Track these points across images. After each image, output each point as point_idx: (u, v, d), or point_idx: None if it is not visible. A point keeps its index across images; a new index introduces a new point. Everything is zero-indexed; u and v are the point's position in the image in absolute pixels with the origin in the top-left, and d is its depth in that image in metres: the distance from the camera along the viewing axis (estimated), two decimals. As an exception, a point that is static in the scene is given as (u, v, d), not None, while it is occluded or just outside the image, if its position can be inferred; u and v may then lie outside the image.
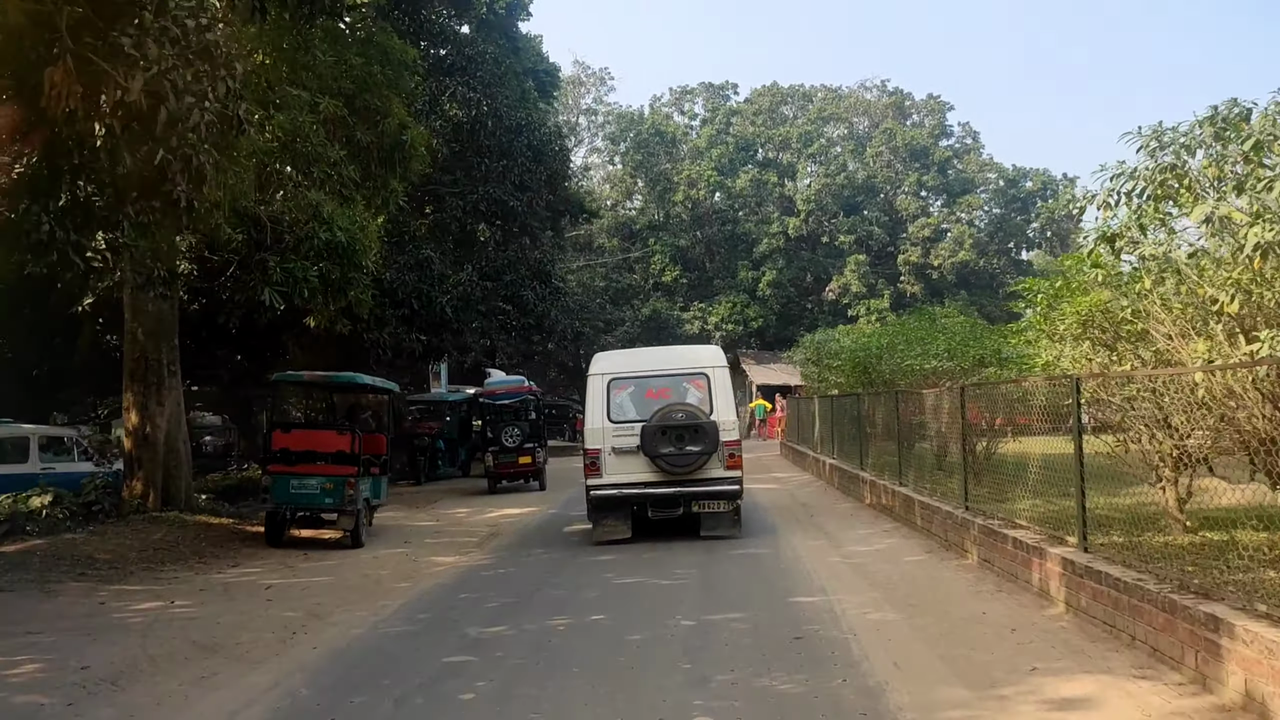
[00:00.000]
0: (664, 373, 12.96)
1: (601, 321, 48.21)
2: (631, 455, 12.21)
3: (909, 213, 51.52)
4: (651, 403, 12.52)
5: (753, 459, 31.51)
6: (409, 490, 23.87)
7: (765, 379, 48.49)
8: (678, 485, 12.28)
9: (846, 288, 49.43)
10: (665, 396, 12.58)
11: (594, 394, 12.66)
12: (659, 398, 12.57)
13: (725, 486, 12.40)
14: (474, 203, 23.25)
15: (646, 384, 12.78)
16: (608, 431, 12.37)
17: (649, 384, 12.77)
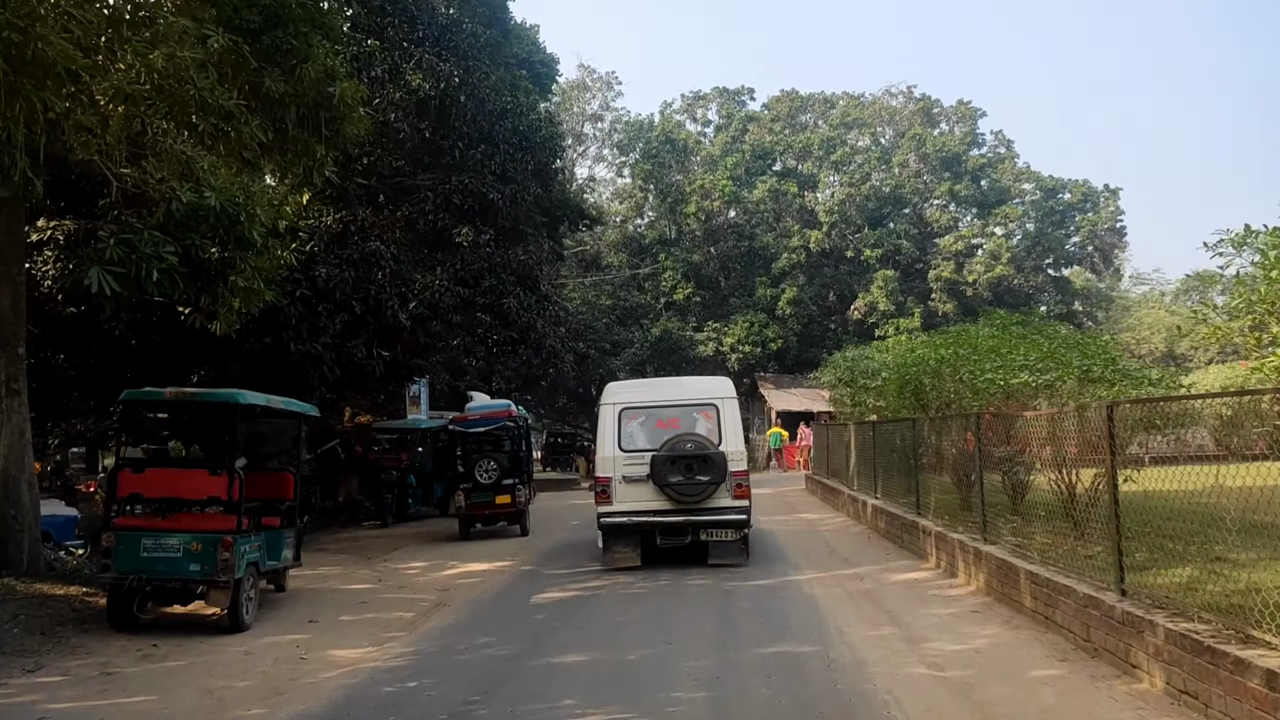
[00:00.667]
0: (674, 403, 13.27)
1: (608, 343, 44.60)
2: (642, 484, 12.56)
3: (940, 225, 47.78)
4: (662, 432, 12.81)
5: (773, 495, 27.74)
6: (370, 535, 20.20)
7: (785, 405, 44.67)
8: (686, 514, 12.60)
9: (873, 306, 45.68)
10: (675, 426, 12.88)
11: (605, 423, 13.04)
12: (669, 427, 12.87)
13: (733, 515, 12.64)
14: (446, 195, 19.66)
15: (657, 414, 13.08)
16: (618, 460, 12.72)
17: (659, 414, 13.07)
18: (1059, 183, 49.30)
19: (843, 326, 48.89)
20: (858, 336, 47.96)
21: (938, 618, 9.08)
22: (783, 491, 28.21)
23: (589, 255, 51.44)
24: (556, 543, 17.21)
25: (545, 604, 11.00)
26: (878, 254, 46.44)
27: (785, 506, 22.94)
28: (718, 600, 10.66)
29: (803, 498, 25.80)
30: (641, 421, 13.09)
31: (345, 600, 11.75)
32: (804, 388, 47.59)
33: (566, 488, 33.40)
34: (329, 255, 15.06)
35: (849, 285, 48.23)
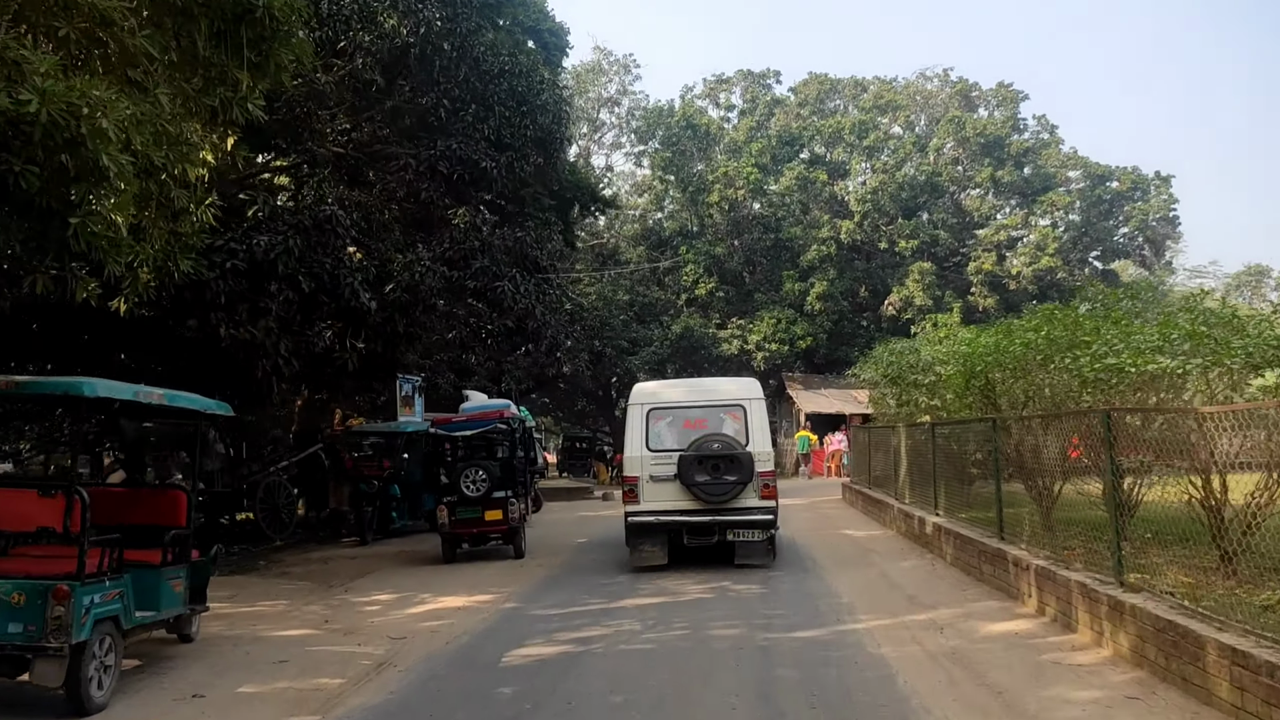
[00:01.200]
0: (702, 403, 13.36)
1: (625, 341, 41.83)
2: (669, 483, 12.66)
3: (981, 214, 44.66)
4: (689, 433, 12.89)
5: (807, 506, 24.75)
6: (344, 555, 17.51)
7: (815, 406, 41.73)
8: (713, 513, 12.66)
9: (909, 300, 42.65)
10: (703, 427, 12.97)
11: (633, 423, 13.19)
12: (696, 428, 12.95)
13: (760, 516, 12.68)
14: (430, 161, 16.95)
15: (684, 414, 13.14)
16: (646, 460, 12.85)
17: (687, 414, 13.13)
18: (1107, 170, 46.10)
19: (875, 323, 45.87)
20: (891, 333, 44.93)
21: (1078, 709, 6.21)
22: (817, 502, 25.33)
23: (605, 249, 48.69)
24: (555, 568, 14.43)
25: (520, 667, 8.21)
26: (913, 245, 43.41)
27: (823, 522, 20.07)
28: (752, 666, 7.85)
29: (841, 510, 22.90)
30: (669, 421, 13.17)
31: (265, 656, 9.00)
32: (835, 388, 44.65)
33: (579, 497, 30.63)
34: (275, 221, 12.35)
35: (882, 279, 45.23)
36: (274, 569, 16.29)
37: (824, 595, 11.08)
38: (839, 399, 42.91)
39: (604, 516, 23.84)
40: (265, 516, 19.95)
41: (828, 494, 27.98)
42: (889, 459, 19.60)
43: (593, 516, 23.98)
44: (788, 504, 24.74)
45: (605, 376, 45.11)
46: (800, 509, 23.31)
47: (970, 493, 13.84)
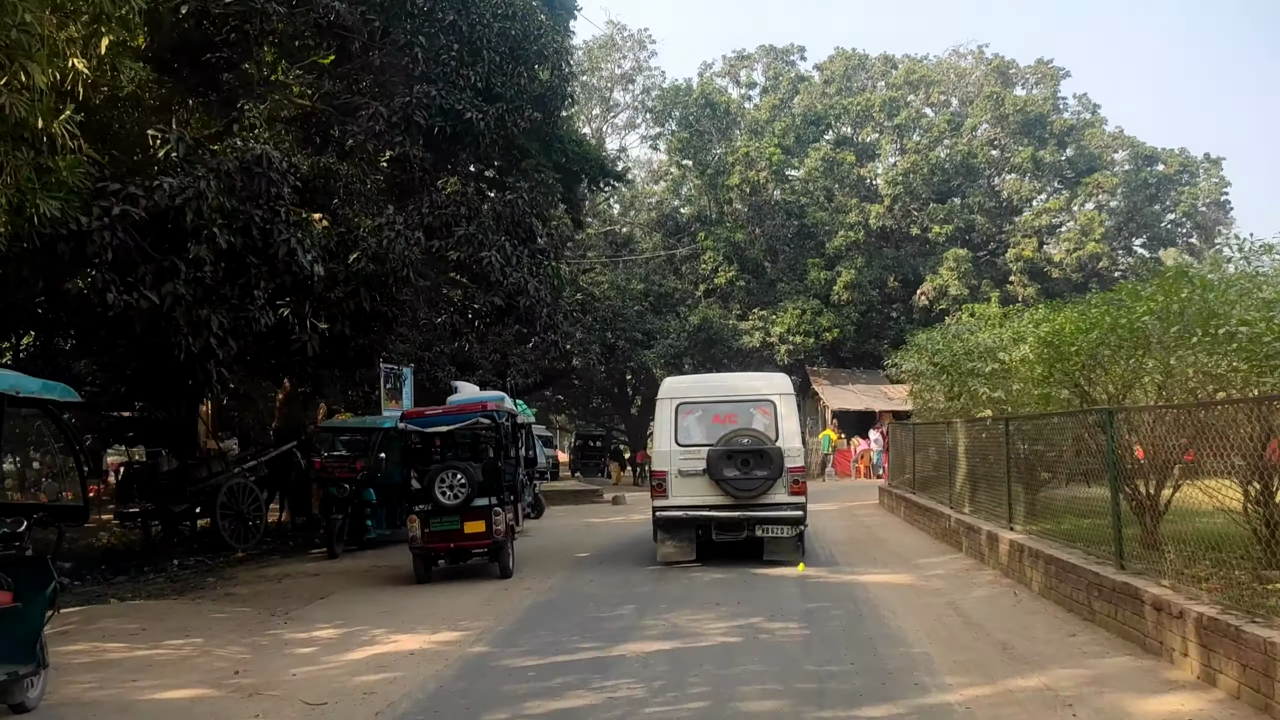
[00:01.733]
0: (731, 398, 13.28)
1: (640, 333, 39.22)
2: (697, 478, 12.59)
3: (1020, 197, 41.77)
4: (718, 428, 12.83)
5: (840, 512, 21.93)
6: (306, 571, 15.02)
7: (842, 403, 39.02)
8: (742, 509, 12.55)
9: (943, 290, 39.83)
10: (732, 422, 12.89)
11: (662, 418, 13.12)
12: (726, 423, 12.89)
13: (789, 512, 12.57)
14: (404, 110, 14.41)
15: (714, 409, 13.07)
16: (675, 454, 12.79)
17: (716, 409, 13.06)
18: (1154, 152, 43.13)
19: (906, 314, 43.11)
20: (923, 325, 42.17)
21: None
22: (851, 508, 22.68)
23: (619, 237, 46.14)
24: (547, 592, 11.86)
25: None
26: (947, 231, 40.58)
27: (862, 532, 17.42)
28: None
29: (880, 518, 20.25)
30: (698, 416, 13.12)
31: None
32: (862, 383, 41.94)
33: (588, 500, 28.05)
34: (195, 165, 9.80)
35: (913, 268, 42.44)
36: (221, 587, 13.83)
37: (887, 639, 8.44)
38: (868, 395, 40.19)
39: (612, 524, 21.28)
40: (228, 524, 17.52)
41: (860, 498, 25.33)
42: (940, 460, 16.96)
43: (599, 524, 21.41)
44: (818, 509, 22.13)
45: (619, 371, 42.56)
46: (833, 516, 20.67)
47: (1051, 501, 11.24)
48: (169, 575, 15.33)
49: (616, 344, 38.86)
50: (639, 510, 24.18)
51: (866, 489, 28.59)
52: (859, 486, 31.01)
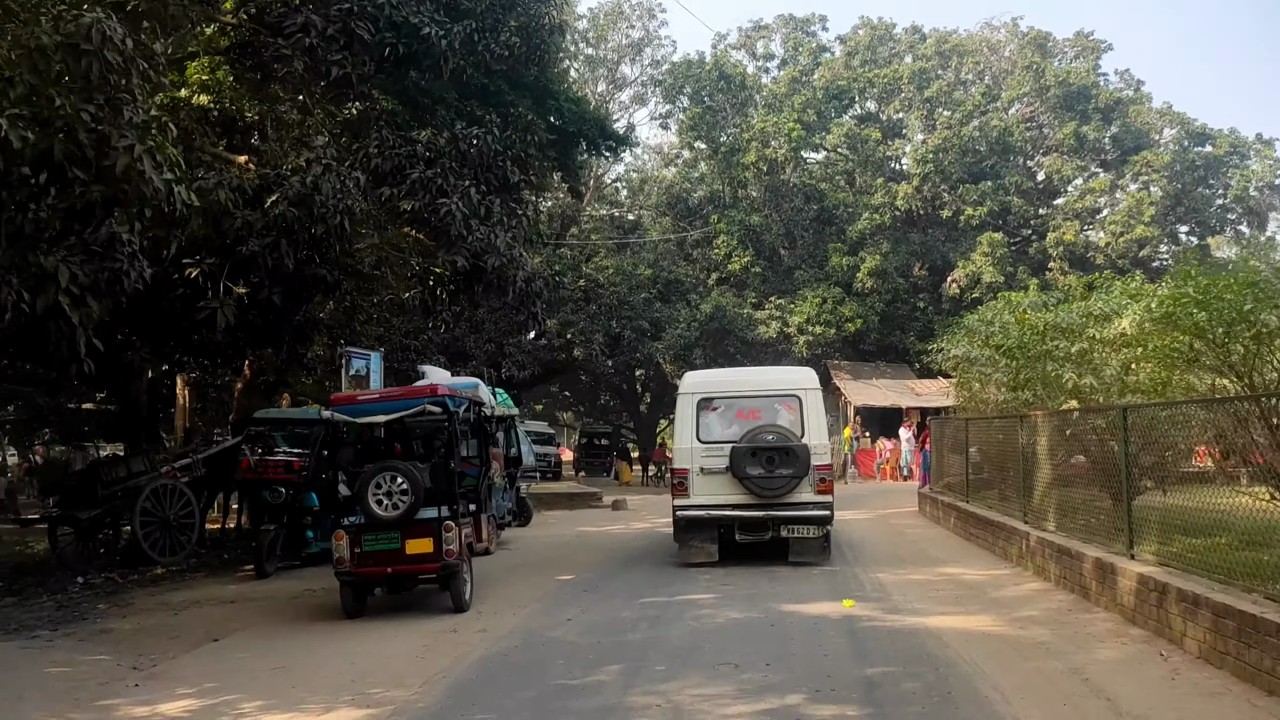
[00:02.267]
0: (755, 393, 12.91)
1: (647, 322, 36.15)
2: (720, 476, 12.23)
3: (1061, 177, 38.49)
4: (742, 424, 12.50)
5: (875, 521, 18.73)
6: (225, 595, 12.10)
7: (866, 399, 35.92)
8: (766, 508, 12.16)
9: (976, 277, 36.62)
10: (756, 418, 12.53)
11: (683, 414, 12.74)
12: (749, 419, 12.55)
13: (816, 511, 12.15)
14: (342, 20, 11.41)
15: (737, 404, 12.74)
16: (696, 452, 12.43)
17: (739, 404, 12.72)
18: (1205, 130, 39.86)
19: (934, 304, 39.94)
20: (952, 315, 39.02)
21: None
22: (885, 516, 19.67)
23: (625, 222, 43.15)
24: (506, 638, 8.84)
25: None
26: (981, 213, 37.37)
27: (911, 551, 14.34)
28: None
29: (926, 530, 17.17)
30: (721, 412, 12.76)
31: None
32: (887, 378, 38.86)
33: (586, 504, 25.02)
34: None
35: (942, 254, 39.24)
36: (105, 618, 10.92)
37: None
38: (893, 390, 37.12)
39: (609, 534, 18.31)
40: (151, 533, 14.59)
41: (893, 503, 22.30)
42: (1005, 463, 13.89)
43: (594, 534, 18.44)
44: (849, 518, 19.16)
45: (624, 364, 39.59)
46: (869, 527, 17.65)
47: (1191, 516, 8.18)
48: (64, 598, 12.46)
49: (622, 334, 35.86)
50: (642, 517, 21.23)
51: (898, 493, 25.56)
52: (888, 490, 27.95)
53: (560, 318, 34.51)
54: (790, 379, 13.40)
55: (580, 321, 34.75)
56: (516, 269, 14.25)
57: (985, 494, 15.18)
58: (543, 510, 23.12)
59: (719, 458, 12.21)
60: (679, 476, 12.55)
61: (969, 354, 16.91)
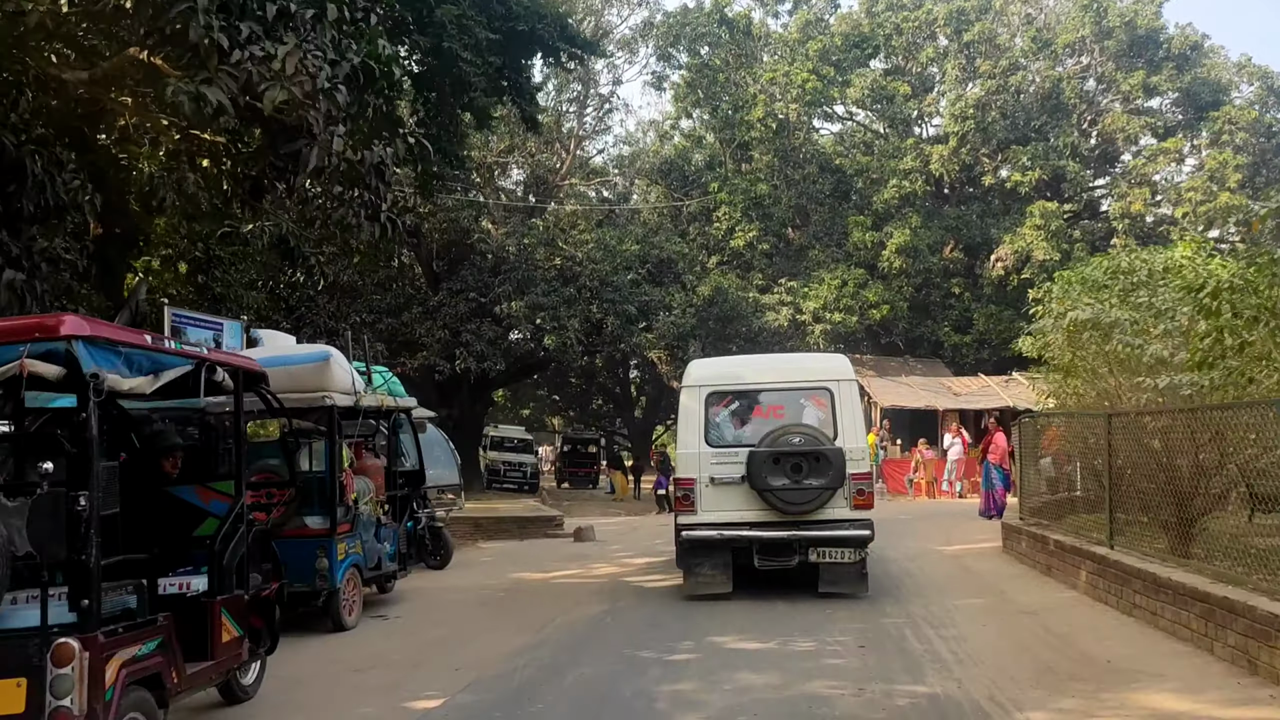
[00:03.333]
0: (777, 386, 10.87)
1: (633, 306, 30.28)
2: (734, 488, 10.21)
3: (1125, 136, 32.60)
4: (761, 423, 10.55)
5: (946, 565, 12.47)
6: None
7: (895, 399, 30.01)
8: (792, 527, 10.11)
9: (1025, 255, 30.77)
10: (779, 416, 10.60)
11: (688, 411, 10.67)
12: (770, 417, 10.61)
13: (852, 531, 10.07)
14: None
15: (755, 399, 10.79)
16: (704, 458, 10.32)
17: (758, 399, 10.78)
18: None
19: (972, 288, 34.16)
20: (997, 300, 33.29)
21: None
22: (954, 555, 13.82)
23: (612, 191, 37.32)
24: None
25: None
26: (1031, 179, 31.50)
27: (1037, 639, 8.35)
28: None
29: (1037, 587, 11.10)
30: (735, 409, 10.74)
31: None
32: (919, 375, 32.99)
33: (541, 531, 18.98)
34: None
35: (981, 230, 33.42)
36: None
37: None
38: (927, 389, 31.22)
39: (555, 584, 12.54)
40: None
41: (950, 531, 16.48)
42: (1188, 487, 8.00)
43: (534, 584, 12.59)
44: (897, 554, 13.12)
45: (609, 357, 33.71)
46: (937, 572, 11.83)
47: None
48: None
49: (604, 321, 30.00)
50: (612, 555, 15.43)
51: (948, 516, 19.72)
52: (934, 513, 21.96)
53: (529, 300, 28.68)
54: (820, 368, 11.41)
55: (554, 305, 28.90)
56: (379, 171, 8.33)
57: (1149, 536, 9.34)
58: (478, 541, 17.28)
59: (733, 465, 10.26)
60: (683, 488, 10.58)
61: (1102, 317, 11.01)
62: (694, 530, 10.24)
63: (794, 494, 9.99)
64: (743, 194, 33.06)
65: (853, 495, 10.15)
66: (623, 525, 20.75)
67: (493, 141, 30.80)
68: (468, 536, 17.70)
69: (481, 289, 29.69)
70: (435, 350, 28.80)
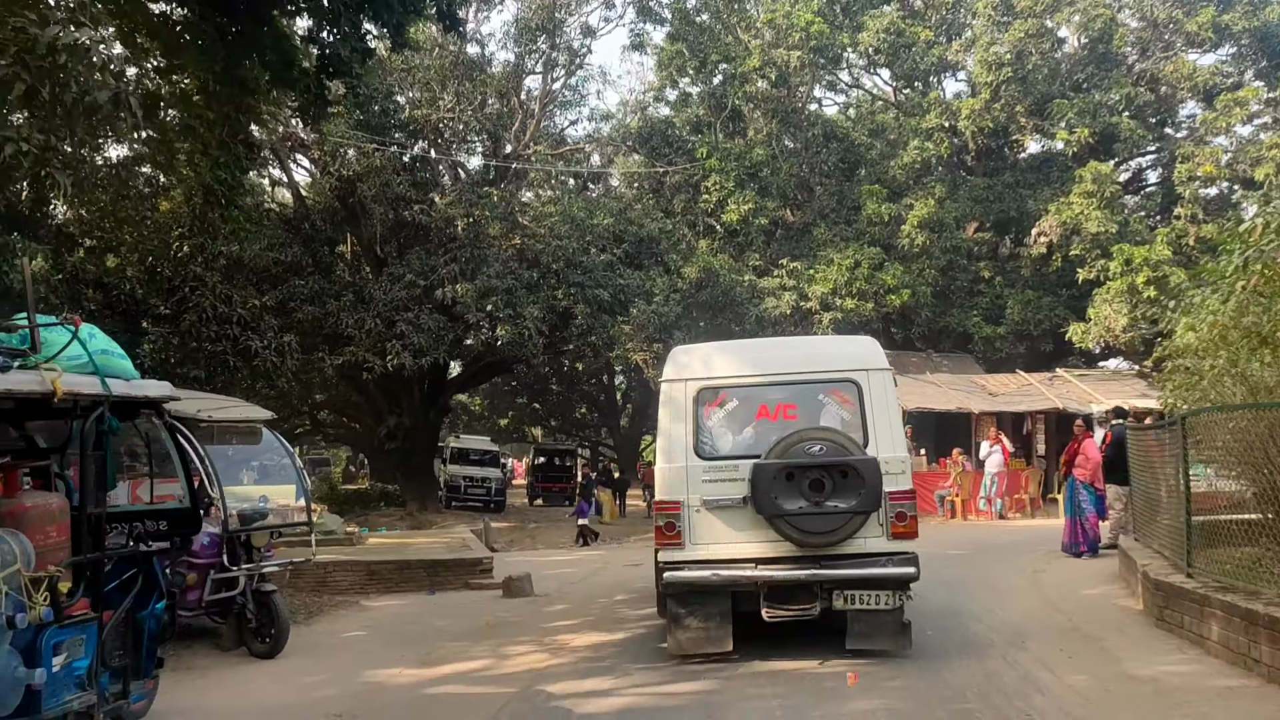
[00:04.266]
0: (788, 378, 8.43)
1: (607, 292, 25.23)
2: (734, 513, 7.94)
3: (1191, 87, 27.64)
4: (768, 427, 8.20)
5: (1050, 629, 7.20)
6: None
7: (919, 401, 24.88)
8: (812, 564, 7.80)
9: (1074, 228, 25.77)
10: (790, 418, 8.24)
11: (672, 411, 8.28)
12: (780, 419, 8.25)
13: (890, 569, 7.68)
14: None
15: (758, 396, 8.42)
16: (694, 474, 8.02)
17: (762, 396, 8.41)
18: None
19: (1005, 271, 29.24)
20: (1038, 284, 28.36)
21: None
22: (1074, 624, 8.70)
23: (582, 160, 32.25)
24: None
25: None
26: (1078, 139, 26.52)
27: None
28: None
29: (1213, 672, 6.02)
30: (733, 409, 8.42)
31: None
32: (946, 372, 27.99)
33: (460, 580, 13.62)
34: None
35: (1015, 202, 28.50)
36: None
37: None
38: (957, 389, 26.20)
39: (424, 704, 7.27)
40: None
41: (1049, 580, 11.46)
42: None
43: (390, 702, 7.36)
44: (1006, 629, 8.10)
45: (578, 351, 28.64)
46: (1088, 679, 6.59)
47: None
48: None
49: (571, 309, 24.95)
50: (549, 618, 10.30)
51: (1010, 546, 14.80)
52: (986, 540, 16.75)
53: (479, 283, 23.64)
54: (844, 354, 8.63)
55: (510, 289, 23.82)
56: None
57: None
58: (367, 596, 12.16)
59: (731, 483, 7.85)
60: (665, 514, 7.99)
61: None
62: (681, 570, 8.00)
63: (813, 521, 7.82)
64: (736, 160, 28.04)
65: (890, 521, 7.96)
66: (580, 566, 15.67)
67: (444, 100, 25.83)
68: (355, 589, 12.59)
69: (425, 271, 24.67)
70: (365, 344, 23.75)
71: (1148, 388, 25.52)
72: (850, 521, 7.74)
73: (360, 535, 15.89)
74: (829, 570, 7.82)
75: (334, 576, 12.55)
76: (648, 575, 11.44)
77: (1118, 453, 13.74)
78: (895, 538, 7.91)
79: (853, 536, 7.83)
